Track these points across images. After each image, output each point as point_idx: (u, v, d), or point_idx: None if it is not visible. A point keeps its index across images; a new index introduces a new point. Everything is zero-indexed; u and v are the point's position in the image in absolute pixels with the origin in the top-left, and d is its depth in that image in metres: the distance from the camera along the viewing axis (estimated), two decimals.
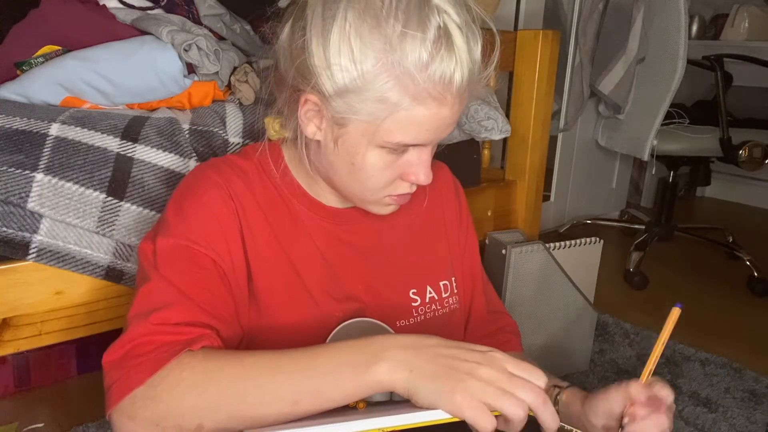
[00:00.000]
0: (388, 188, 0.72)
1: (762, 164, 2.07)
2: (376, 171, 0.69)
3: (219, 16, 1.21)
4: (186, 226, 0.68)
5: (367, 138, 0.66)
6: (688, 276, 2.26)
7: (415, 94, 0.62)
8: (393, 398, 0.66)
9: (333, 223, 0.79)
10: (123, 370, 0.58)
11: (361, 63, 0.61)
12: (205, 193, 0.71)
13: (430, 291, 0.83)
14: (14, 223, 0.84)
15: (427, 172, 0.70)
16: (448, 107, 0.64)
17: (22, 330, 0.88)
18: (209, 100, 1.08)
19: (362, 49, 0.61)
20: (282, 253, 0.75)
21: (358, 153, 0.67)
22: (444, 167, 0.93)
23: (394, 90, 0.62)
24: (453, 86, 0.62)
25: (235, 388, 0.57)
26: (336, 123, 0.67)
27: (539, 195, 1.55)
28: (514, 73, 1.49)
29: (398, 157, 0.69)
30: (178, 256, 0.67)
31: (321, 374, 0.57)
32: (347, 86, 0.63)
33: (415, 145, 0.67)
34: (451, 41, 0.61)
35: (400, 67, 0.61)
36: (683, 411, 1.36)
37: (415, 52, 0.60)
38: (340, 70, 0.62)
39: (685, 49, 2.01)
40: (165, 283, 0.64)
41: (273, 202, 0.77)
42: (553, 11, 2.40)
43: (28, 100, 0.98)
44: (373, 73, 0.61)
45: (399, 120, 0.64)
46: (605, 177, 2.83)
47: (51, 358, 1.39)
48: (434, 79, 0.61)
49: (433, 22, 0.60)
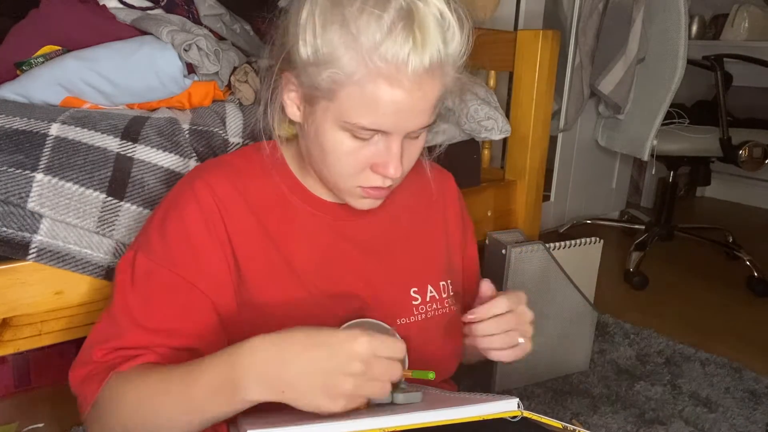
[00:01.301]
0: (359, 178, 0.71)
1: (762, 164, 2.07)
2: (341, 155, 0.69)
3: (219, 16, 1.21)
4: (165, 248, 0.71)
5: (331, 117, 0.67)
6: (688, 276, 2.26)
7: (367, 71, 0.63)
8: (394, 400, 0.66)
9: (333, 219, 0.79)
10: (81, 388, 0.69)
11: (321, 37, 0.64)
12: (186, 211, 0.72)
13: (431, 290, 0.83)
14: (14, 223, 0.84)
15: (396, 165, 0.69)
16: (403, 91, 0.63)
17: (22, 330, 0.88)
18: (209, 100, 1.08)
19: (323, 24, 0.64)
20: (276, 253, 0.75)
21: (325, 132, 0.69)
22: (450, 177, 0.93)
23: (348, 65, 0.63)
24: (407, 68, 0.62)
25: (138, 411, 0.65)
26: (306, 101, 0.70)
27: (539, 195, 1.55)
28: (514, 73, 1.49)
29: (364, 144, 0.68)
30: (149, 278, 0.71)
31: (201, 400, 0.61)
32: (310, 58, 0.65)
33: (376, 130, 0.67)
34: (412, 23, 0.61)
35: (356, 42, 0.62)
36: (683, 411, 1.36)
37: (369, 29, 0.61)
38: (304, 44, 0.65)
39: (685, 49, 2.01)
40: (124, 311, 0.70)
41: (269, 201, 0.77)
42: (553, 11, 2.40)
43: (28, 100, 0.98)
44: (331, 47, 0.63)
45: (353, 97, 0.64)
46: (605, 177, 2.83)
47: (51, 358, 1.39)
48: (386, 58, 0.61)
49: (394, 3, 0.61)
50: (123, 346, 0.69)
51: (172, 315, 0.71)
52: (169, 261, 0.71)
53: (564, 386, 1.44)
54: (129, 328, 0.69)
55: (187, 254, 0.72)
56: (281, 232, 0.76)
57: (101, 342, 0.69)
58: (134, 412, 0.64)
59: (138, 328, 0.69)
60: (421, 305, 0.82)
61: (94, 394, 0.67)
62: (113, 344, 0.69)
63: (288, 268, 0.75)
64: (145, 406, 0.64)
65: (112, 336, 0.69)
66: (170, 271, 0.71)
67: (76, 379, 0.69)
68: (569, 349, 1.48)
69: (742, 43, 2.81)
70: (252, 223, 0.75)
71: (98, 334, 0.71)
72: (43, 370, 1.38)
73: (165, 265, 0.71)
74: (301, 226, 0.77)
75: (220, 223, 0.73)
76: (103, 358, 0.68)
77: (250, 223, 0.75)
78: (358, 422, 0.57)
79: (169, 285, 0.71)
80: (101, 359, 0.68)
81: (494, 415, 0.60)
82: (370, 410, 0.65)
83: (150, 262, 0.72)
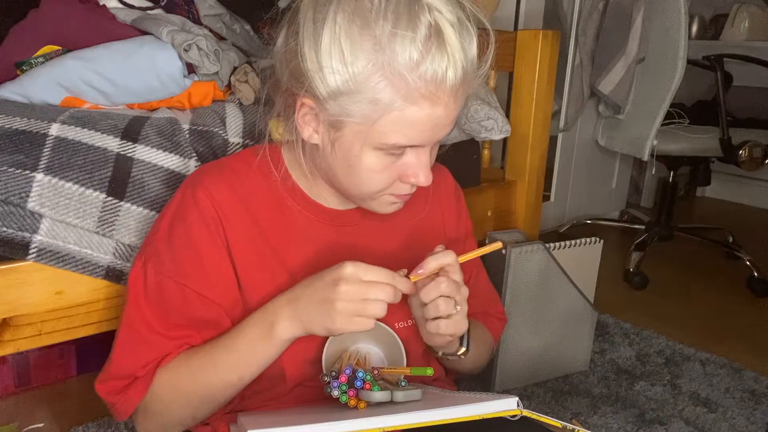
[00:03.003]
0: (388, 189, 0.72)
1: (762, 164, 2.07)
2: (373, 173, 0.69)
3: (219, 16, 1.21)
4: (174, 262, 0.74)
5: (363, 140, 0.66)
6: (688, 276, 2.26)
7: (407, 93, 0.61)
8: (393, 399, 0.66)
9: (333, 225, 0.79)
10: (117, 397, 0.73)
11: (351, 65, 0.61)
12: (189, 221, 0.74)
13: None
14: (14, 223, 0.84)
15: (427, 174, 0.70)
16: (442, 106, 0.63)
17: (22, 330, 0.88)
18: (209, 100, 1.08)
19: (352, 50, 0.61)
20: (275, 259, 0.76)
21: (355, 155, 0.67)
22: (446, 171, 0.93)
23: (386, 90, 0.61)
24: (446, 84, 0.62)
25: (196, 388, 0.72)
26: (332, 126, 0.67)
27: (539, 195, 1.55)
28: (514, 73, 1.49)
29: (396, 158, 0.68)
30: (162, 291, 0.74)
31: (245, 353, 0.71)
32: (339, 88, 0.63)
33: (411, 146, 0.67)
34: (443, 39, 0.60)
35: (391, 67, 0.60)
36: (683, 411, 1.36)
37: (405, 51, 0.60)
38: (331, 72, 0.62)
39: (685, 49, 2.01)
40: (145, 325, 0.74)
41: (267, 206, 0.77)
42: (553, 11, 2.40)
43: (28, 100, 0.98)
44: (364, 75, 0.61)
45: (393, 121, 0.63)
46: (605, 177, 2.83)
47: (51, 358, 1.39)
48: (426, 78, 0.61)
49: (424, 20, 0.60)
50: (156, 357, 0.74)
51: (189, 326, 0.74)
52: (179, 274, 0.73)
53: (564, 386, 1.44)
54: (155, 340, 0.74)
55: (196, 266, 0.73)
56: (279, 236, 0.76)
57: (135, 360, 0.73)
58: (193, 389, 0.72)
59: (161, 337, 0.74)
60: None
61: (138, 398, 0.73)
62: (147, 359, 0.73)
63: (286, 272, 0.76)
64: (200, 379, 0.72)
65: (143, 351, 0.73)
66: (181, 284, 0.73)
67: (107, 390, 0.74)
68: (569, 349, 1.48)
69: (742, 43, 2.81)
70: (250, 228, 0.75)
71: (126, 350, 0.74)
72: (43, 370, 1.38)
73: (175, 278, 0.73)
74: (300, 231, 0.77)
75: (220, 228, 0.74)
76: (141, 372, 0.73)
77: (248, 229, 0.75)
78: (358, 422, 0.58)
79: (182, 298, 0.73)
80: (141, 373, 0.73)
81: (494, 414, 0.60)
82: (370, 410, 0.65)
83: (160, 275, 0.73)
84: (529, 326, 1.40)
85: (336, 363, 0.74)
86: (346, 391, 0.67)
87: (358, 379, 0.67)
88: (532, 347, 1.41)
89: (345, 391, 0.67)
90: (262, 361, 0.71)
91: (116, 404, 0.74)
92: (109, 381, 0.74)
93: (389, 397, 0.66)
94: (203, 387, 0.72)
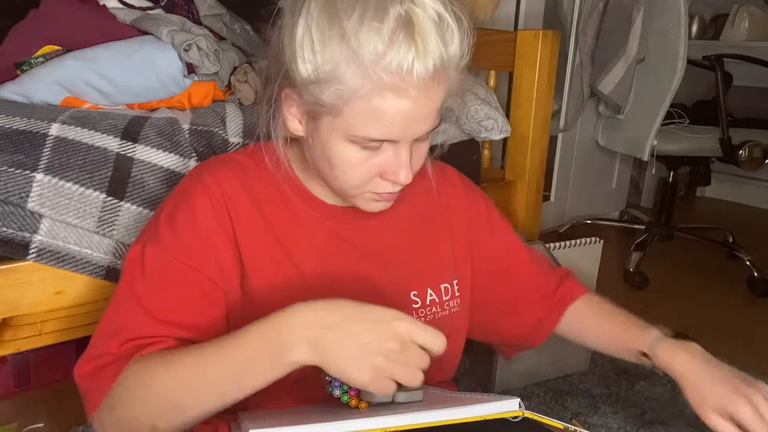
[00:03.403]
0: (368, 185, 0.71)
1: (762, 164, 2.07)
2: (349, 167, 0.68)
3: (219, 16, 1.21)
4: (175, 240, 0.70)
5: (337, 132, 0.66)
6: (688, 276, 2.26)
7: (372, 84, 0.61)
8: (395, 399, 0.66)
9: (334, 221, 0.79)
10: (92, 382, 0.66)
11: (320, 53, 0.63)
12: (195, 203, 0.72)
13: (430, 293, 0.83)
14: (14, 223, 0.84)
15: (407, 172, 0.69)
16: (410, 100, 0.63)
17: (22, 330, 0.88)
18: (209, 100, 1.08)
19: (321, 39, 0.62)
20: (281, 252, 0.75)
21: (332, 148, 0.68)
22: (447, 167, 0.93)
23: (351, 80, 0.62)
24: (413, 77, 0.61)
25: (167, 393, 0.63)
26: (309, 116, 0.68)
27: (539, 195, 1.55)
28: (514, 73, 1.49)
29: (373, 153, 0.68)
30: (161, 270, 0.70)
31: (241, 366, 0.61)
32: (310, 76, 0.64)
33: (384, 140, 0.66)
34: (412, 30, 0.60)
35: (358, 56, 0.61)
36: (683, 411, 1.36)
37: (370, 41, 0.60)
38: (303, 61, 0.64)
39: (685, 49, 2.01)
40: (135, 301, 0.68)
41: (272, 200, 0.77)
42: (553, 11, 2.40)
43: (28, 100, 0.98)
44: (331, 64, 0.62)
45: (359, 112, 0.63)
46: (605, 177, 2.83)
47: (51, 358, 1.39)
48: (390, 69, 0.61)
49: (393, 12, 0.60)
50: (138, 336, 0.66)
51: (184, 307, 0.69)
52: (181, 252, 0.70)
53: (564, 386, 1.44)
54: (142, 320, 0.67)
55: (199, 244, 0.71)
56: (285, 230, 0.76)
57: (113, 335, 0.67)
58: (164, 391, 0.63)
59: (152, 319, 0.68)
60: (421, 309, 0.82)
61: (108, 384, 0.64)
62: (127, 335, 0.66)
63: (291, 266, 0.75)
64: (176, 383, 0.63)
65: (124, 328, 0.67)
66: (182, 262, 0.70)
67: (83, 373, 0.67)
68: (569, 349, 1.48)
69: (742, 43, 2.81)
70: (257, 220, 0.75)
71: (107, 327, 0.69)
72: (43, 370, 1.38)
73: (176, 256, 0.70)
74: (304, 228, 0.77)
75: (227, 217, 0.73)
76: (117, 350, 0.66)
77: (255, 220, 0.74)
78: (358, 422, 0.57)
79: (182, 276, 0.70)
80: (115, 351, 0.66)
81: (495, 415, 0.60)
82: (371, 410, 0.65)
83: (161, 254, 0.70)
84: None
85: None
86: (348, 391, 0.67)
87: None
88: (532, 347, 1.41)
89: (346, 390, 0.67)
90: (259, 381, 0.61)
91: (88, 392, 0.67)
92: (85, 364, 0.67)
93: (391, 397, 0.66)
94: (175, 393, 0.63)
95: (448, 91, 0.67)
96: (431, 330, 0.60)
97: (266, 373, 0.61)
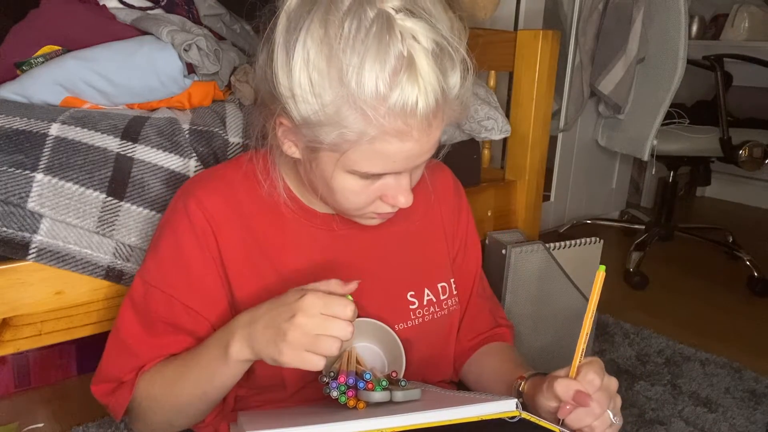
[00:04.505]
0: (369, 207, 0.71)
1: (762, 164, 2.07)
2: (350, 194, 0.68)
3: (219, 16, 1.21)
4: (159, 269, 0.75)
5: (338, 165, 0.65)
6: (688, 276, 2.26)
7: (377, 128, 0.60)
8: (393, 399, 0.66)
9: (326, 230, 0.79)
10: (110, 398, 0.75)
11: (320, 96, 0.60)
12: (178, 230, 0.75)
13: (427, 294, 0.83)
14: (14, 223, 0.84)
15: (407, 196, 0.69)
16: (413, 141, 0.62)
17: (22, 330, 0.88)
18: (209, 100, 1.08)
19: (320, 82, 0.60)
20: (269, 266, 0.76)
21: (332, 178, 0.67)
22: (444, 168, 0.92)
23: (355, 124, 0.60)
24: (416, 115, 0.59)
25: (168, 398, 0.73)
26: (308, 148, 0.67)
27: (539, 195, 1.55)
28: (514, 73, 1.49)
29: (373, 181, 0.67)
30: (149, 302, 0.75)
31: (206, 369, 0.69)
32: (310, 118, 0.62)
33: (385, 173, 0.66)
34: (415, 68, 0.58)
35: (359, 100, 0.59)
36: (683, 411, 1.36)
37: (372, 84, 0.58)
38: (303, 101, 0.61)
39: (685, 49, 2.01)
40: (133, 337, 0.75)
41: (261, 213, 0.76)
42: (553, 11, 2.40)
43: (28, 100, 0.98)
44: (333, 107, 0.60)
45: (363, 152, 0.62)
46: (605, 177, 2.83)
47: (51, 358, 1.39)
48: (395, 111, 0.59)
49: (393, 51, 0.57)
50: (139, 363, 0.74)
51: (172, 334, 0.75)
52: (163, 281, 0.74)
53: None
54: (139, 348, 0.74)
55: (181, 273, 0.74)
56: (273, 242, 0.76)
57: (121, 365, 0.75)
58: (165, 399, 0.72)
59: (145, 345, 0.75)
60: (418, 309, 0.82)
61: (126, 400, 0.74)
62: (131, 364, 0.74)
63: (278, 278, 0.75)
64: (171, 390, 0.72)
65: (128, 358, 0.75)
66: (164, 292, 0.74)
67: (101, 392, 0.76)
68: (569, 348, 1.47)
69: (742, 43, 2.81)
70: (244, 235, 0.75)
71: (113, 355, 0.76)
72: (43, 370, 1.38)
73: (159, 286, 0.74)
74: (294, 237, 0.77)
75: (212, 240, 0.74)
76: (126, 377, 0.74)
77: (241, 237, 0.75)
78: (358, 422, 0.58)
79: (165, 308, 0.74)
80: (126, 378, 0.74)
81: (493, 416, 0.60)
82: (370, 410, 0.65)
83: (145, 284, 0.74)
84: (529, 326, 1.40)
85: (335, 363, 0.74)
86: (345, 392, 0.67)
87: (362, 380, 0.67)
88: (531, 347, 1.41)
89: (344, 391, 0.67)
90: (223, 380, 0.69)
91: (109, 405, 0.76)
92: (101, 383, 0.76)
93: (388, 397, 0.66)
94: (174, 397, 0.72)
95: (448, 121, 0.66)
96: (335, 298, 0.62)
97: (224, 373, 0.68)
